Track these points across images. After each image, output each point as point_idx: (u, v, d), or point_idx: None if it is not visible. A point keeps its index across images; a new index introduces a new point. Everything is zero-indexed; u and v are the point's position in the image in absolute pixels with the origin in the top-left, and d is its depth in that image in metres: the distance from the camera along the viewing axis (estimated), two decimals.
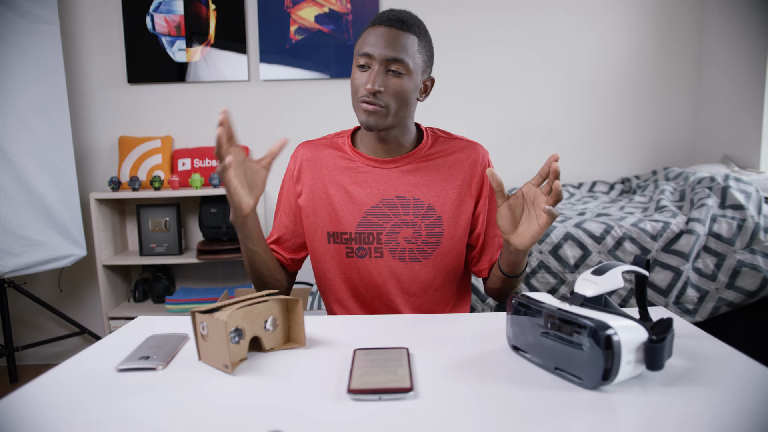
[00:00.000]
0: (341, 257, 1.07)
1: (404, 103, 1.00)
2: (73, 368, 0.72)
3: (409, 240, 1.05)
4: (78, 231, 2.25)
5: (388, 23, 0.97)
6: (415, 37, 0.99)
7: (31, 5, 2.08)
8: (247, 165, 0.90)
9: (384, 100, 0.97)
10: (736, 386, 0.61)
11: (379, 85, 0.96)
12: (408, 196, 1.04)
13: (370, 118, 0.98)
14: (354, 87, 1.00)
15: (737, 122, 2.37)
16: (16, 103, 2.03)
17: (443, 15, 2.50)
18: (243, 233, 0.98)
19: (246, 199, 0.90)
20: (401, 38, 0.97)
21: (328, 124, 2.46)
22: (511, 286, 1.04)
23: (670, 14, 2.53)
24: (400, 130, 1.05)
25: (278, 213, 1.14)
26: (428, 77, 1.06)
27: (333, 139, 1.12)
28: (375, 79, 0.96)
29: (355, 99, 1.01)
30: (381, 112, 0.98)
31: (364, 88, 0.97)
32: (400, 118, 1.01)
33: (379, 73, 0.96)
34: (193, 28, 2.49)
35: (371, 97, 0.97)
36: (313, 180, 1.08)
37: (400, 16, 0.99)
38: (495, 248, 1.09)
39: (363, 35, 1.00)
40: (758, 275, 1.63)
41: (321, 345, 0.78)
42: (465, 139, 1.10)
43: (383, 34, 0.97)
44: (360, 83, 0.98)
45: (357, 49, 1.00)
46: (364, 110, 0.98)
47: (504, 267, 0.99)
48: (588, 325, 0.59)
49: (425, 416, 0.57)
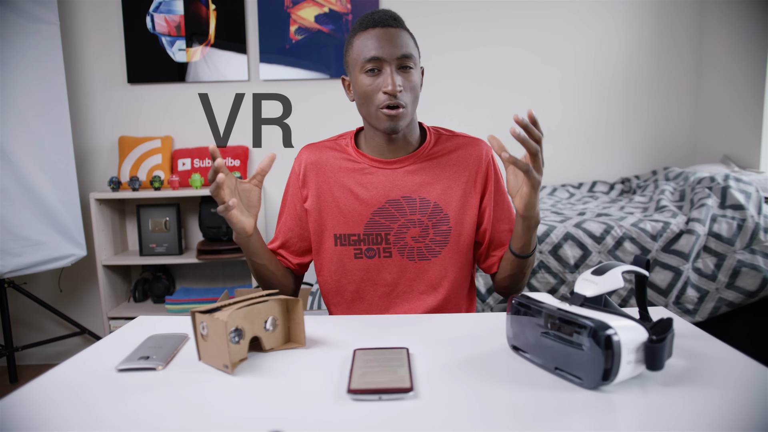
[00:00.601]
0: (349, 259, 1.07)
1: (417, 98, 1.01)
2: (73, 368, 0.72)
3: (417, 239, 1.05)
4: (78, 231, 2.25)
5: (383, 24, 0.97)
6: (407, 32, 1.00)
7: (31, 5, 2.08)
8: (239, 187, 0.93)
9: (404, 99, 0.97)
10: (736, 386, 0.61)
11: (399, 84, 0.96)
12: (414, 195, 1.05)
13: (396, 122, 0.98)
14: (367, 94, 0.98)
15: (737, 122, 2.37)
16: (16, 103, 2.03)
17: (443, 15, 2.50)
18: (248, 250, 1.00)
19: (247, 221, 0.94)
20: (401, 35, 0.97)
21: (328, 124, 2.46)
22: (521, 271, 1.02)
23: (670, 14, 2.53)
24: (409, 128, 1.05)
25: (283, 217, 1.14)
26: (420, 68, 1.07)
27: (336, 140, 1.12)
28: (394, 79, 0.95)
29: (372, 107, 0.99)
30: (403, 113, 0.98)
31: (384, 92, 0.96)
32: (414, 113, 1.03)
33: (395, 72, 0.96)
34: (193, 28, 2.49)
35: (393, 99, 0.96)
36: (319, 183, 1.08)
37: (391, 14, 0.99)
38: (503, 243, 1.09)
39: (359, 41, 0.99)
40: (758, 275, 1.63)
41: (321, 345, 0.78)
42: (468, 136, 1.11)
43: (384, 35, 0.96)
44: (375, 88, 0.97)
45: (358, 57, 0.98)
46: (388, 116, 0.97)
47: (514, 245, 0.98)
48: (588, 325, 0.59)
49: (425, 416, 0.57)
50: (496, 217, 1.08)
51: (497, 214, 1.08)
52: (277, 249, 1.13)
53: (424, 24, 2.46)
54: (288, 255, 1.13)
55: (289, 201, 1.13)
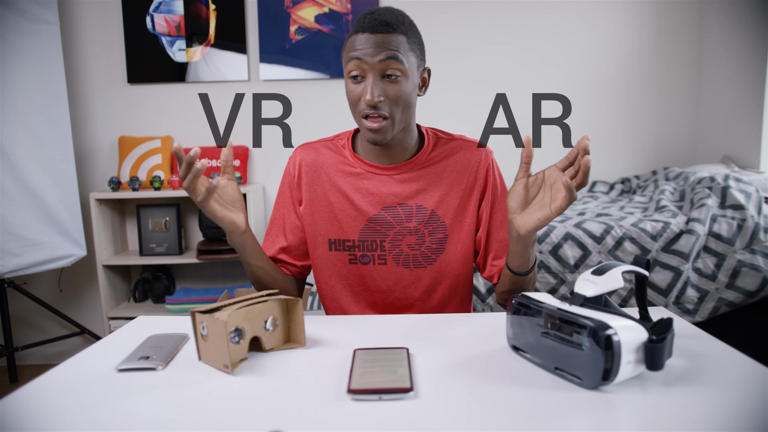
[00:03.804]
0: (344, 264, 1.05)
1: (406, 108, 0.95)
2: (73, 368, 0.72)
3: (413, 247, 1.03)
4: (78, 231, 2.25)
5: (372, 29, 0.91)
6: (402, 36, 0.92)
7: (31, 5, 2.08)
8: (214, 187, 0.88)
9: (386, 110, 0.92)
10: (736, 386, 0.61)
11: (378, 95, 0.90)
12: (410, 202, 1.02)
13: (377, 136, 0.94)
14: (351, 100, 0.95)
15: (737, 122, 2.37)
16: (16, 103, 2.03)
17: (443, 15, 2.50)
18: (245, 252, 0.96)
19: (237, 216, 0.90)
20: (390, 40, 0.91)
21: (328, 124, 2.46)
22: (520, 287, 0.97)
23: (670, 14, 2.53)
24: (404, 134, 1.01)
25: (277, 221, 1.09)
26: (424, 69, 1.00)
27: (333, 141, 1.08)
28: (373, 89, 0.90)
29: (355, 113, 0.96)
30: (386, 125, 0.93)
31: (363, 102, 0.91)
32: (404, 123, 0.97)
33: (376, 82, 0.91)
34: (193, 28, 2.49)
35: (372, 110, 0.91)
36: (314, 186, 1.05)
37: (383, 18, 0.92)
38: (500, 251, 1.04)
39: (349, 42, 0.94)
40: (758, 275, 1.63)
41: (321, 345, 0.78)
42: (466, 139, 1.06)
43: (370, 41, 0.90)
44: (357, 96, 0.93)
45: (346, 56, 0.94)
46: (368, 128, 0.93)
47: (511, 262, 0.93)
48: (588, 325, 0.59)
49: (425, 416, 0.57)
50: (495, 224, 1.04)
51: (496, 221, 1.04)
52: (278, 254, 1.08)
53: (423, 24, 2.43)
54: (290, 259, 1.09)
55: (286, 202, 1.08)
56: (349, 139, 1.07)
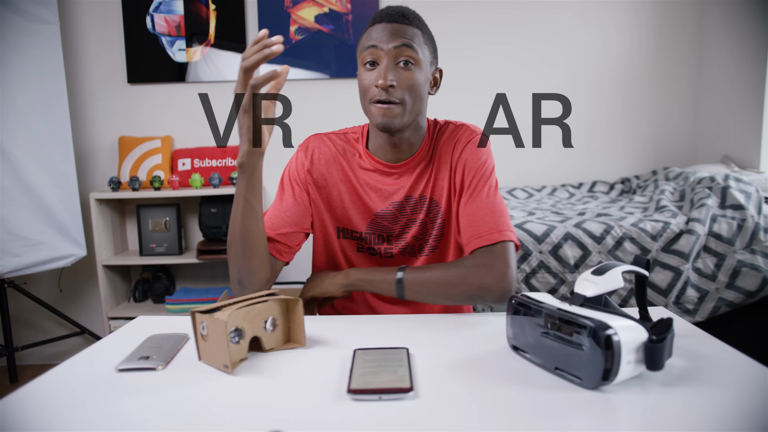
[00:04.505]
0: (352, 250, 1.09)
1: (418, 98, 0.95)
2: (73, 368, 0.71)
3: (417, 237, 1.05)
4: (78, 231, 2.25)
5: (390, 19, 0.94)
6: (418, 30, 0.96)
7: (31, 5, 2.08)
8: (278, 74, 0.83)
9: (398, 96, 0.93)
10: (736, 386, 0.61)
11: (391, 78, 0.91)
12: (414, 194, 1.04)
13: (386, 118, 0.93)
14: (363, 87, 0.96)
15: (737, 122, 2.37)
16: (16, 103, 2.03)
17: (443, 15, 2.50)
18: (252, 180, 0.88)
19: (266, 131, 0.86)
20: (405, 30, 0.94)
21: (328, 124, 2.45)
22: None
23: (670, 14, 2.53)
24: (413, 130, 1.00)
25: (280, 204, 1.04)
26: (436, 68, 1.03)
27: (345, 134, 1.09)
28: (386, 73, 0.91)
29: (365, 101, 0.96)
30: (396, 109, 0.93)
31: (375, 85, 0.92)
32: (415, 114, 0.97)
33: (390, 67, 0.92)
34: (193, 28, 2.49)
35: (384, 93, 0.92)
36: (326, 175, 1.05)
37: (400, 11, 0.96)
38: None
39: (365, 33, 0.97)
40: (758, 275, 1.63)
41: (321, 345, 0.78)
42: (456, 123, 1.06)
43: (387, 29, 0.93)
44: (369, 82, 0.94)
45: (361, 47, 0.97)
46: (378, 112, 0.93)
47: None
48: (588, 325, 0.59)
49: (425, 416, 0.57)
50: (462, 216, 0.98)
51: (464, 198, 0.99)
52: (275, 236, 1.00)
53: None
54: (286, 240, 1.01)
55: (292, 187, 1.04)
56: (363, 134, 1.07)
